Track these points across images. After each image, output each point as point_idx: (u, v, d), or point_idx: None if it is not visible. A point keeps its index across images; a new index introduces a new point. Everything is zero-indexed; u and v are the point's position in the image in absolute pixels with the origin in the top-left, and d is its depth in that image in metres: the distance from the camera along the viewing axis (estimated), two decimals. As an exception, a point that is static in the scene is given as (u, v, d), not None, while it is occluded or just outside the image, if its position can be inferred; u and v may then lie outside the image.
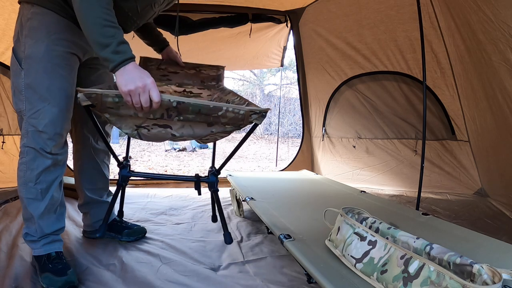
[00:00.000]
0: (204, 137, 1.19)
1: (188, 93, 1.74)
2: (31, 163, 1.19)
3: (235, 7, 2.96)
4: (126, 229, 1.57)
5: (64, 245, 1.48)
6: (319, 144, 3.32)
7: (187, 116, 1.10)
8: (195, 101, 1.07)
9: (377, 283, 0.87)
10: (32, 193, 1.20)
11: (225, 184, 2.92)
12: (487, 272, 0.73)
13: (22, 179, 1.21)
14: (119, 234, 1.56)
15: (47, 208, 1.23)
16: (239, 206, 2.04)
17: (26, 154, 1.19)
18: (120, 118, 1.10)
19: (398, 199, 2.65)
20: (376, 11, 2.62)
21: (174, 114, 1.09)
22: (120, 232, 1.56)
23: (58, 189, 1.28)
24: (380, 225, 1.04)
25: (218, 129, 1.16)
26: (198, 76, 1.79)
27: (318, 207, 1.57)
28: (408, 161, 2.88)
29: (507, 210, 2.24)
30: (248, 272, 1.33)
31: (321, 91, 3.24)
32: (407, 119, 2.85)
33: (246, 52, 3.54)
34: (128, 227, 1.58)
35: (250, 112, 1.12)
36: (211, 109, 1.09)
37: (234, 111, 1.11)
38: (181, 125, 1.13)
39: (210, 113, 1.10)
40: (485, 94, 2.10)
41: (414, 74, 2.72)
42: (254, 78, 11.90)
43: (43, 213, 1.22)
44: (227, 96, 1.63)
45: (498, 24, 1.52)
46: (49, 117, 1.16)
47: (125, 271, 1.28)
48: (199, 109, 1.08)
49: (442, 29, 2.39)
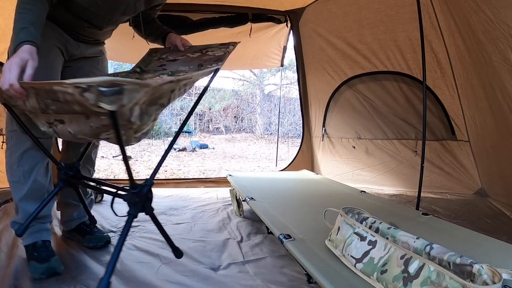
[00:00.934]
0: (94, 135, 1.05)
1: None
2: (15, 147, 1.23)
3: (235, 7, 2.96)
4: (88, 235, 1.51)
5: (64, 245, 1.49)
6: (319, 144, 3.32)
7: (50, 102, 0.94)
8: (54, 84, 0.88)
9: (377, 283, 0.87)
10: (16, 176, 1.24)
11: (225, 184, 2.93)
12: (487, 272, 0.73)
13: (8, 164, 1.25)
14: (82, 237, 1.52)
15: (30, 191, 1.25)
16: (239, 206, 2.04)
17: (10, 139, 1.24)
18: (34, 114, 1.07)
19: (398, 199, 2.65)
20: (376, 11, 2.62)
21: (42, 104, 0.95)
22: (83, 236, 1.52)
23: (44, 175, 1.29)
24: (380, 225, 1.04)
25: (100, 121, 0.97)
26: (200, 59, 1.58)
27: (318, 207, 1.57)
28: (408, 161, 2.88)
29: (507, 210, 2.24)
30: (248, 272, 1.33)
31: (321, 91, 3.24)
32: (407, 120, 2.85)
33: (246, 52, 3.53)
34: (91, 233, 1.53)
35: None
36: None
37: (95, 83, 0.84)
38: (69, 119, 1.00)
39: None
40: (485, 94, 2.10)
41: (414, 74, 2.72)
42: (254, 78, 11.91)
43: (26, 195, 1.24)
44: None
45: (498, 24, 1.52)
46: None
47: (125, 271, 1.28)
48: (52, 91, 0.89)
49: (442, 29, 2.39)
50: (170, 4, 2.87)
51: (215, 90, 11.83)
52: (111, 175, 4.21)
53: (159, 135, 8.95)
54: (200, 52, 1.60)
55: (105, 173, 4.28)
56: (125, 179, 3.06)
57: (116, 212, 1.17)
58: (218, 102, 11.65)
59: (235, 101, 11.98)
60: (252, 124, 11.92)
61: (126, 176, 3.24)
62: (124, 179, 3.10)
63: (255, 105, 11.90)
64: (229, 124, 11.69)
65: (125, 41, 3.07)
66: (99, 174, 4.23)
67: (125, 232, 1.01)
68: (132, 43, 3.09)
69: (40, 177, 1.28)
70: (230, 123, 11.75)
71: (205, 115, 11.63)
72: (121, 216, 1.14)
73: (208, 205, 2.30)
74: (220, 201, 2.43)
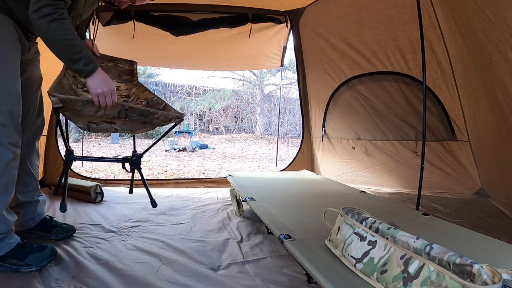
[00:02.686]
0: (137, 130, 1.58)
1: None
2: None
3: (235, 7, 2.96)
4: (55, 228, 1.57)
5: (64, 245, 1.48)
6: (319, 144, 3.32)
7: (132, 116, 1.45)
8: (141, 107, 1.50)
9: (377, 283, 0.87)
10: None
11: (225, 184, 2.93)
12: (487, 272, 0.73)
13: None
14: (48, 232, 1.55)
15: (8, 202, 1.26)
16: (239, 206, 2.04)
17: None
18: (78, 116, 1.37)
19: (398, 197, 2.65)
20: (376, 11, 2.61)
21: (123, 115, 1.43)
22: (49, 230, 1.56)
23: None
24: (380, 225, 1.03)
25: (148, 126, 1.56)
26: (116, 69, 1.96)
27: (318, 207, 1.57)
28: (408, 162, 2.87)
29: (507, 210, 2.24)
30: (248, 272, 1.33)
31: (321, 92, 3.24)
32: (407, 120, 2.84)
33: (246, 52, 3.54)
34: (57, 226, 1.59)
35: (175, 116, 1.58)
36: (150, 113, 1.49)
37: (165, 115, 1.53)
38: (123, 122, 1.48)
39: (149, 115, 1.49)
40: (485, 94, 2.10)
41: (414, 75, 2.71)
42: (254, 78, 11.90)
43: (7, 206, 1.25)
44: (144, 93, 1.93)
45: (498, 24, 1.52)
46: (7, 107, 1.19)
47: (125, 271, 1.28)
48: (142, 112, 1.47)
49: (442, 29, 2.39)
50: (170, 4, 2.88)
51: (215, 91, 11.83)
52: (111, 175, 4.21)
53: (159, 135, 8.96)
54: (112, 62, 1.95)
55: (105, 173, 4.28)
56: (125, 179, 3.06)
57: (115, 212, 1.20)
58: (218, 102, 11.64)
59: (235, 101, 11.97)
60: (252, 124, 11.91)
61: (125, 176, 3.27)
62: (124, 179, 3.10)
63: (255, 105, 11.90)
64: (229, 124, 11.68)
65: (125, 42, 3.08)
66: (100, 174, 4.23)
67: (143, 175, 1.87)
68: (132, 43, 3.10)
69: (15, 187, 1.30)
70: (230, 123, 11.74)
71: (205, 115, 11.63)
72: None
73: (208, 205, 2.30)
74: (220, 201, 2.43)
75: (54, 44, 1.22)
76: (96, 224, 1.82)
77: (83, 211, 2.04)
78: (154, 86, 9.32)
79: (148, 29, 2.91)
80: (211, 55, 3.57)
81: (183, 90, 11.41)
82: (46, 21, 1.17)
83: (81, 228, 1.72)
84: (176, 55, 3.51)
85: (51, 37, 1.20)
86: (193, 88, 11.58)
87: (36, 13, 1.17)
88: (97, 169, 4.48)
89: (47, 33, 1.20)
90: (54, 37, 1.20)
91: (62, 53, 1.24)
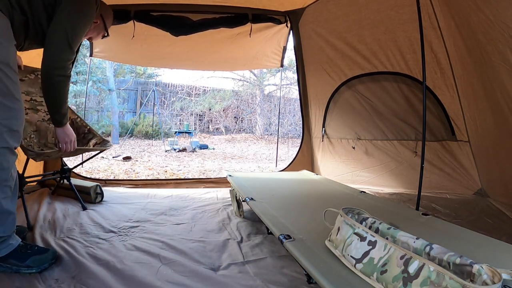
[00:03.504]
0: (75, 154, 1.98)
1: (33, 101, 2.06)
2: (5, 162, 1.20)
3: (235, 7, 2.97)
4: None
5: (64, 245, 1.48)
6: (319, 144, 3.32)
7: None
8: (89, 148, 2.07)
9: (377, 283, 0.87)
10: (6, 192, 1.22)
11: (225, 185, 2.93)
12: (487, 272, 0.73)
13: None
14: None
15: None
16: (239, 207, 2.04)
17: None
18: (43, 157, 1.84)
19: (398, 197, 2.65)
20: (376, 11, 2.62)
21: (79, 152, 1.99)
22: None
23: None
24: (380, 225, 1.04)
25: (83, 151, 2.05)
26: (38, 82, 2.02)
27: (318, 208, 1.57)
28: (408, 162, 2.88)
29: (507, 210, 2.24)
30: (248, 272, 1.33)
31: (321, 92, 3.24)
32: (407, 120, 2.85)
33: (246, 52, 3.54)
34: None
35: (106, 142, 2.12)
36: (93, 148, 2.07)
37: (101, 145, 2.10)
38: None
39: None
40: (485, 94, 2.10)
41: (414, 75, 2.72)
42: (254, 79, 11.89)
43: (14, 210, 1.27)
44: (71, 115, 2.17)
45: (497, 25, 1.52)
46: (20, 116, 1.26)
47: (125, 271, 1.28)
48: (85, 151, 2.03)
49: (442, 29, 2.39)
50: (170, 4, 2.88)
51: (215, 91, 11.83)
52: (111, 175, 4.21)
53: (159, 136, 8.95)
54: (34, 74, 2.03)
55: (105, 174, 4.28)
56: (125, 179, 3.06)
57: (115, 213, 1.19)
58: (218, 103, 11.63)
59: (235, 101, 11.96)
60: (252, 124, 11.91)
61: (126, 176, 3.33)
62: (124, 179, 3.10)
63: (255, 105, 11.89)
64: (229, 124, 11.68)
65: (125, 42, 3.08)
66: (100, 174, 4.23)
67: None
68: (132, 43, 3.10)
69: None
70: (230, 123, 11.73)
71: (205, 115, 11.63)
72: None
73: (208, 205, 2.30)
74: (220, 201, 2.43)
75: (55, 96, 1.40)
76: (96, 224, 1.82)
77: (83, 211, 2.04)
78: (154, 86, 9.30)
79: (148, 29, 2.92)
80: (211, 55, 3.57)
81: (183, 90, 11.40)
82: (62, 79, 1.36)
83: (81, 228, 1.73)
84: (176, 55, 3.51)
85: (57, 91, 1.39)
86: (193, 89, 11.57)
87: (59, 70, 1.35)
88: (97, 170, 4.48)
89: (57, 88, 1.38)
90: (60, 93, 1.40)
91: (55, 105, 1.44)
